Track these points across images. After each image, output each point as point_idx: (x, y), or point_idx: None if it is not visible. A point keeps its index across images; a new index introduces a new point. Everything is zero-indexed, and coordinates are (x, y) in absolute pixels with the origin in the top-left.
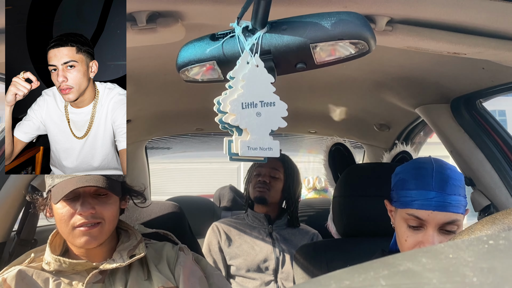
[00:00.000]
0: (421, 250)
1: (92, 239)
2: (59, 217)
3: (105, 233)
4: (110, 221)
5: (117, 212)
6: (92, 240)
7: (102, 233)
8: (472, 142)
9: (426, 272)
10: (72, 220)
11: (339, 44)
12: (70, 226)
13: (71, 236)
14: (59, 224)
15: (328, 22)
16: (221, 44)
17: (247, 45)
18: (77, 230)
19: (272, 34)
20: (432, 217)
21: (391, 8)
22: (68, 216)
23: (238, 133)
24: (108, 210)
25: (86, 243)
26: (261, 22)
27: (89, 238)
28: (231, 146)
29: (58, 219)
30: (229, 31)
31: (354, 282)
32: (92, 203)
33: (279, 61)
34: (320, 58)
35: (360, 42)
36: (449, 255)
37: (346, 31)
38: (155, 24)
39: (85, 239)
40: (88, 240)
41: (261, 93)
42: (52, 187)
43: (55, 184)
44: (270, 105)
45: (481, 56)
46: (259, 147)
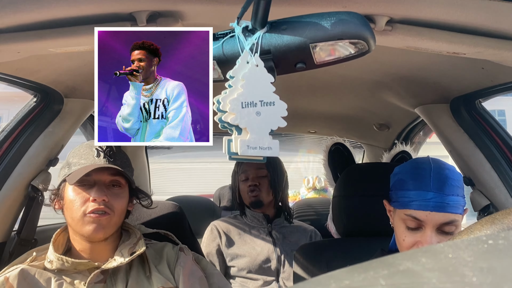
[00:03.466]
0: (421, 250)
1: (100, 227)
2: (71, 204)
3: (112, 225)
4: (118, 214)
5: (125, 207)
6: (100, 229)
7: (110, 224)
8: (471, 142)
9: (425, 272)
10: (84, 206)
11: (338, 44)
12: (82, 212)
13: (81, 223)
14: (69, 211)
15: (328, 22)
16: (221, 44)
17: (247, 45)
18: (88, 216)
19: (272, 34)
20: (430, 217)
21: (391, 8)
22: (81, 202)
23: (238, 132)
24: (119, 203)
25: (94, 231)
26: (261, 22)
27: (97, 226)
28: (231, 146)
29: (69, 206)
30: (229, 31)
31: (354, 281)
32: (106, 192)
33: (279, 61)
34: (319, 58)
35: (359, 42)
36: (448, 255)
37: (346, 31)
38: (155, 24)
39: (94, 227)
40: (96, 228)
41: (261, 93)
42: (68, 176)
43: (71, 172)
44: (270, 104)
45: (481, 56)
46: (258, 147)
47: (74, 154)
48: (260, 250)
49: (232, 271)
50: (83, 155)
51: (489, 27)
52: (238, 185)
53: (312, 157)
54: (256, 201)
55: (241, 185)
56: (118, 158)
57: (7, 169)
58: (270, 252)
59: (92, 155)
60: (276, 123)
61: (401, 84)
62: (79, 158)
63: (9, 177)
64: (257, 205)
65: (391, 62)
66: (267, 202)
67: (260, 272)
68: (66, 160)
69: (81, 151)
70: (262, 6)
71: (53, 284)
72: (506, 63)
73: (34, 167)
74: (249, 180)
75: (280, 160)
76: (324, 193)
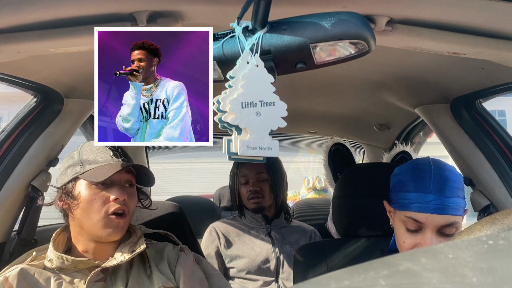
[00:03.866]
0: (421, 250)
1: (119, 230)
2: (88, 204)
3: (126, 226)
4: (131, 214)
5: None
6: (119, 231)
7: (126, 225)
8: (471, 142)
9: (425, 272)
10: (105, 207)
11: (339, 44)
12: (104, 213)
13: (100, 224)
14: (85, 212)
15: (328, 22)
16: (221, 44)
17: (247, 45)
18: (110, 218)
19: (272, 34)
20: (430, 219)
21: (391, 8)
22: (102, 203)
23: (238, 133)
24: (133, 202)
25: (113, 233)
26: (261, 22)
27: (117, 228)
28: (230, 146)
29: (86, 206)
30: (229, 31)
31: (354, 282)
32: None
33: (279, 61)
34: (320, 58)
35: (359, 42)
36: (448, 255)
37: (346, 31)
38: (155, 24)
39: (113, 229)
40: (115, 230)
41: (261, 93)
42: (82, 174)
43: (87, 170)
44: (270, 104)
45: (481, 56)
46: (258, 147)
47: (86, 152)
48: (259, 251)
49: (232, 272)
50: (98, 153)
51: (489, 27)
52: (238, 187)
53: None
54: (258, 208)
55: (241, 188)
56: (128, 158)
57: (7, 169)
58: (269, 252)
59: (108, 154)
60: (276, 123)
61: (401, 84)
62: (95, 155)
63: (9, 177)
64: (259, 211)
65: (391, 62)
66: (268, 206)
67: (259, 273)
68: (75, 158)
69: (94, 149)
70: (262, 6)
71: (53, 283)
72: (506, 63)
73: (34, 167)
74: (249, 185)
75: (280, 161)
76: (324, 193)
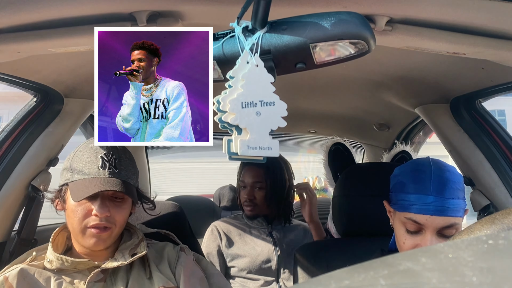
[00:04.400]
0: (421, 250)
1: (101, 242)
2: (72, 214)
3: (113, 237)
4: (120, 226)
5: (127, 216)
6: (100, 243)
7: (111, 237)
8: (471, 142)
9: (425, 272)
10: (86, 220)
11: (338, 44)
12: (83, 225)
13: (81, 235)
14: (71, 221)
15: (328, 22)
16: (221, 44)
17: (247, 45)
18: (89, 231)
19: (272, 34)
20: (430, 221)
21: (391, 8)
22: (83, 215)
23: (238, 132)
24: (122, 215)
25: (94, 245)
26: (261, 22)
27: (98, 240)
28: (231, 146)
29: (71, 216)
30: (229, 31)
31: (354, 281)
32: (108, 206)
33: (279, 61)
34: (319, 58)
35: (359, 42)
36: (448, 255)
37: (346, 31)
38: (155, 24)
39: (94, 241)
40: (96, 242)
41: (260, 93)
42: (71, 182)
43: (74, 180)
44: (270, 104)
45: (481, 56)
46: (258, 147)
47: (77, 159)
48: (261, 251)
49: (232, 271)
50: (87, 163)
51: (489, 27)
52: (239, 189)
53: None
54: (251, 216)
55: (240, 191)
56: (124, 167)
57: (7, 169)
58: (270, 252)
59: (96, 165)
60: (276, 123)
61: (401, 84)
62: (83, 165)
63: (9, 177)
64: (252, 218)
65: (391, 62)
66: (264, 212)
67: (260, 273)
68: (68, 162)
69: (85, 157)
70: (262, 6)
71: (53, 283)
72: (506, 63)
73: (34, 167)
74: (245, 190)
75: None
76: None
